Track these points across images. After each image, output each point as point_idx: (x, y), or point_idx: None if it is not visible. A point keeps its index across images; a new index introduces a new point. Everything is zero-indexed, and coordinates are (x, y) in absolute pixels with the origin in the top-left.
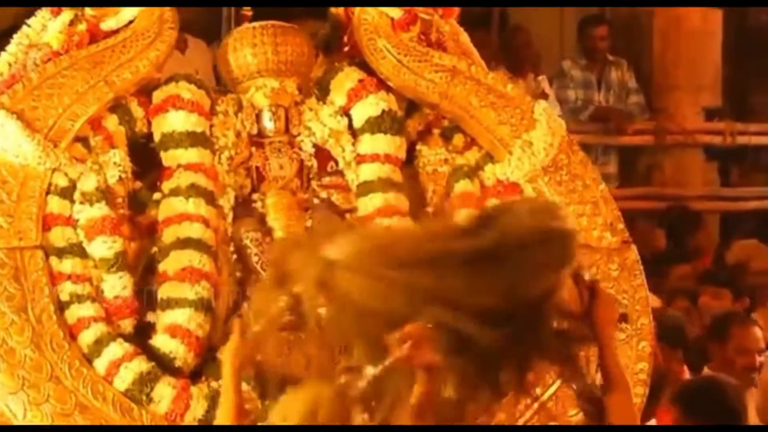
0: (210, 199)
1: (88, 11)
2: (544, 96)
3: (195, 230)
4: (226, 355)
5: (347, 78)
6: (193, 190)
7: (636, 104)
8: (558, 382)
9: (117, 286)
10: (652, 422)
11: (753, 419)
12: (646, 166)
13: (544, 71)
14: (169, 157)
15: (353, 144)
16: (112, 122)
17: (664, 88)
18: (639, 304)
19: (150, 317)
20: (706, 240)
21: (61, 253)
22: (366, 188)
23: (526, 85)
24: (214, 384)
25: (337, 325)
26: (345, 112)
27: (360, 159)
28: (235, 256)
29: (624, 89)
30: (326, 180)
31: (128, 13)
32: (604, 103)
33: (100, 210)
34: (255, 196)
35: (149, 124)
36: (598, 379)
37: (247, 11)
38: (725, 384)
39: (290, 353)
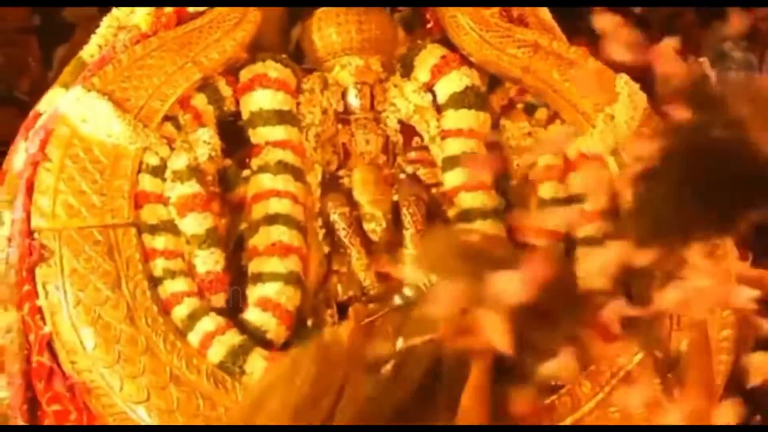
0: (298, 175)
1: None
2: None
3: (284, 206)
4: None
5: (430, 54)
6: (282, 167)
7: None
8: (641, 353)
9: (209, 261)
10: None
11: None
12: None
13: (704, 53)
14: (258, 135)
15: (438, 119)
16: (200, 101)
17: None
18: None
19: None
20: None
21: (153, 229)
22: (451, 163)
23: (687, 67)
24: None
25: None
26: (429, 88)
27: (445, 134)
28: (323, 231)
29: None
30: (412, 155)
31: None
32: None
33: (191, 187)
34: (342, 172)
35: (237, 102)
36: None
37: None
38: None
39: None
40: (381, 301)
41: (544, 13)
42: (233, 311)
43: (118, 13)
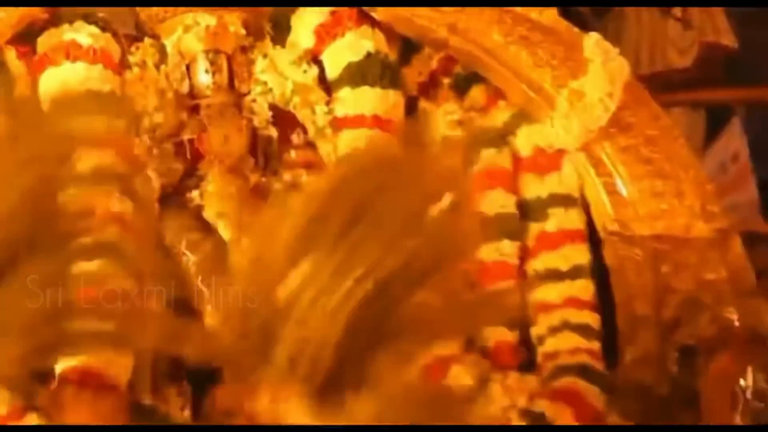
0: (125, 186)
1: None
2: None
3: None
4: None
5: (314, 10)
6: (100, 177)
7: None
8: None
9: None
10: None
11: None
12: None
13: None
14: None
15: (327, 103)
16: None
17: None
18: (752, 317)
19: None
20: None
21: None
22: None
23: None
24: None
25: None
26: (314, 57)
27: (338, 123)
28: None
29: None
30: (291, 155)
31: None
32: None
33: None
34: (190, 181)
35: (35, 83)
36: None
37: None
38: None
39: None
40: None
41: None
42: None
43: None
